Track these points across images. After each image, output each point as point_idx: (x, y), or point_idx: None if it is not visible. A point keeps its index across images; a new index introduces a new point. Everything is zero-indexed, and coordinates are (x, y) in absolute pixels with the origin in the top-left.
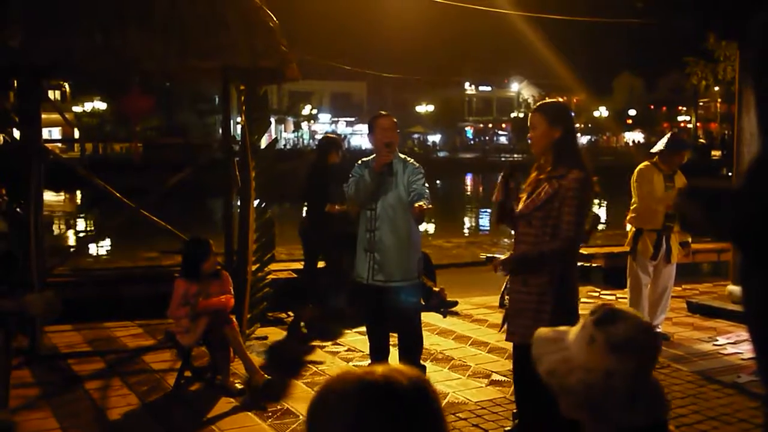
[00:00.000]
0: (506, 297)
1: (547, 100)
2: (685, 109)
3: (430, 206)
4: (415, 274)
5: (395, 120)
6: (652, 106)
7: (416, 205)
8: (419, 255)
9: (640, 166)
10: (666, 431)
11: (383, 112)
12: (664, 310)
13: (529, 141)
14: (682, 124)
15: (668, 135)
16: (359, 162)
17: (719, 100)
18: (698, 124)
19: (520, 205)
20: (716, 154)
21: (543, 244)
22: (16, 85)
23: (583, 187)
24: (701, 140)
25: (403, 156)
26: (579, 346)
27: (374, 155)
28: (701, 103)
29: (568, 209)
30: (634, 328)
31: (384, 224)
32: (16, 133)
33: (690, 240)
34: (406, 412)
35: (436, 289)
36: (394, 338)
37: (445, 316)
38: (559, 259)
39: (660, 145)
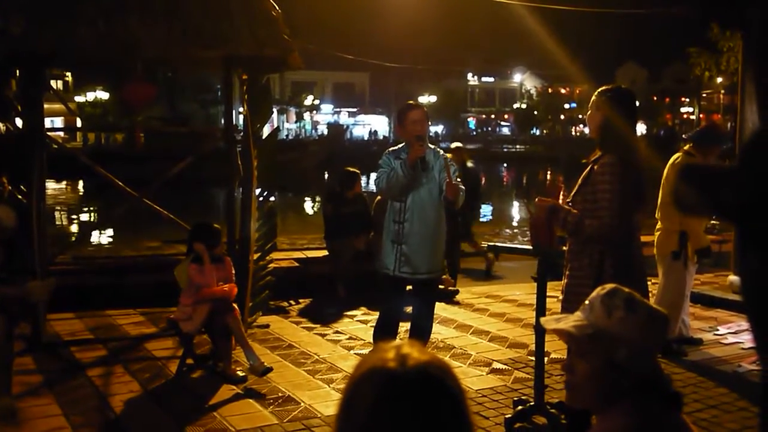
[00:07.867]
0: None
1: (613, 86)
2: (688, 100)
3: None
4: (439, 267)
5: (426, 111)
6: (655, 97)
7: (448, 180)
8: (444, 248)
9: (674, 159)
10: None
11: (412, 103)
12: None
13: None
14: (684, 116)
15: (705, 126)
16: (387, 152)
17: (722, 91)
18: (701, 115)
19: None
20: None
21: (585, 218)
22: (18, 73)
23: (613, 172)
24: None
25: (432, 146)
26: None
27: (402, 145)
28: (704, 95)
29: (601, 195)
30: None
31: (414, 216)
32: (19, 122)
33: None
34: (419, 398)
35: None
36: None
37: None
38: (594, 240)
39: (695, 137)
